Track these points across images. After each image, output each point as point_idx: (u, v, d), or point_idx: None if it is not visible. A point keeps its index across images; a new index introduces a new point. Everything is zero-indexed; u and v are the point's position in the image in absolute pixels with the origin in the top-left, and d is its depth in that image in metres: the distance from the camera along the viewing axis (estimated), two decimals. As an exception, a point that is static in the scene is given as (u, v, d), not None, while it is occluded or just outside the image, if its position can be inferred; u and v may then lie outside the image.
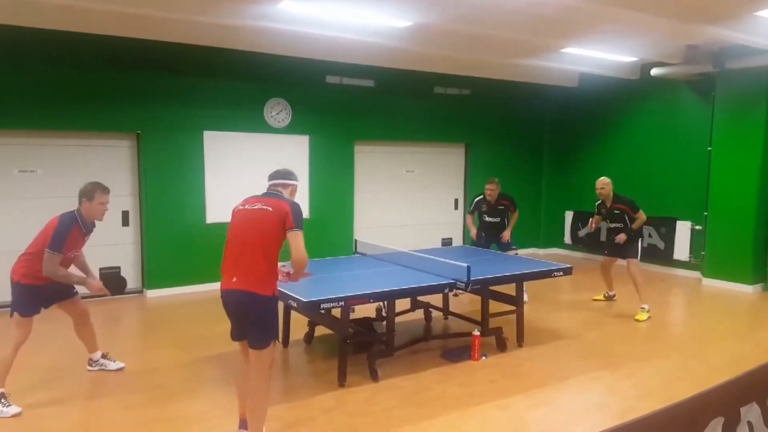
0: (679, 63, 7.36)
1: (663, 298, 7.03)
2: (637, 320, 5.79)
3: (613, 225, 6.08)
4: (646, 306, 5.91)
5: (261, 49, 6.69)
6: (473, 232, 6.67)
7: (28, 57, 5.98)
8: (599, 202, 6.16)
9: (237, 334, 3.12)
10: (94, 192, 3.79)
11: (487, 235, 6.66)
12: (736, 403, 2.29)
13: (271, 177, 3.27)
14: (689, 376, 4.31)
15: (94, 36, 5.86)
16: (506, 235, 6.51)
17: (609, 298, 6.58)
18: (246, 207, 3.12)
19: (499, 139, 9.53)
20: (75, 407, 3.74)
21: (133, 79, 6.53)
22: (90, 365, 4.35)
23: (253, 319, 2.99)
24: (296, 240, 2.97)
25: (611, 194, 6.00)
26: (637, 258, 5.96)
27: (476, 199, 6.74)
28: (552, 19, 5.61)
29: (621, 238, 5.87)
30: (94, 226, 3.98)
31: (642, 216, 5.90)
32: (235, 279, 2.97)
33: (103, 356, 4.37)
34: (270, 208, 3.02)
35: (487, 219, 6.61)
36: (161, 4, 4.92)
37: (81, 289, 4.08)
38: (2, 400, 3.57)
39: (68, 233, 3.69)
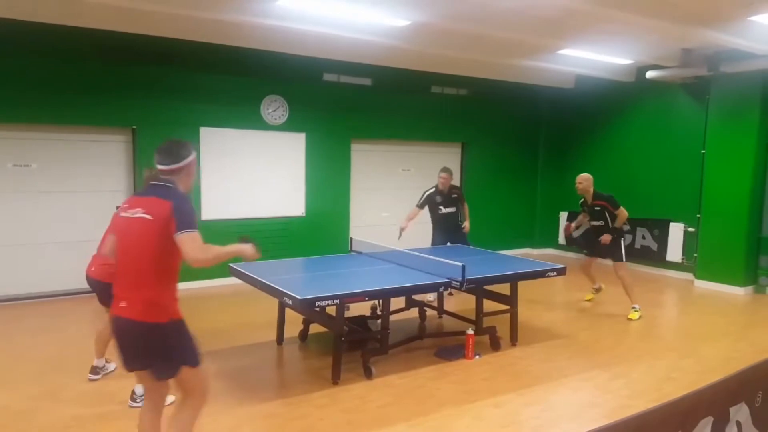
0: (674, 66, 7.41)
1: (655, 299, 7.09)
2: (630, 319, 5.85)
3: (595, 223, 6.04)
4: (637, 306, 5.96)
5: (258, 45, 6.68)
6: (405, 223, 6.18)
7: (24, 50, 5.94)
8: (582, 200, 6.16)
9: (129, 364, 2.52)
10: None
11: (443, 229, 6.55)
12: (725, 403, 2.33)
13: (156, 160, 2.54)
14: (681, 376, 4.36)
15: (90, 30, 5.84)
16: (467, 225, 6.51)
17: (597, 291, 6.63)
18: (126, 214, 2.50)
19: (495, 139, 9.56)
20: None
21: (129, 73, 6.51)
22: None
23: (150, 349, 2.44)
24: (185, 245, 2.35)
25: (591, 190, 5.96)
26: (623, 261, 5.93)
27: (428, 193, 6.49)
28: (549, 20, 5.64)
29: (606, 239, 5.84)
30: None
31: (622, 212, 5.85)
32: (123, 304, 2.43)
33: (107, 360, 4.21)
34: (150, 216, 2.41)
35: (444, 211, 6.50)
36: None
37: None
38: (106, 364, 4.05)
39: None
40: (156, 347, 2.43)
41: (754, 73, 7.04)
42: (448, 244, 6.55)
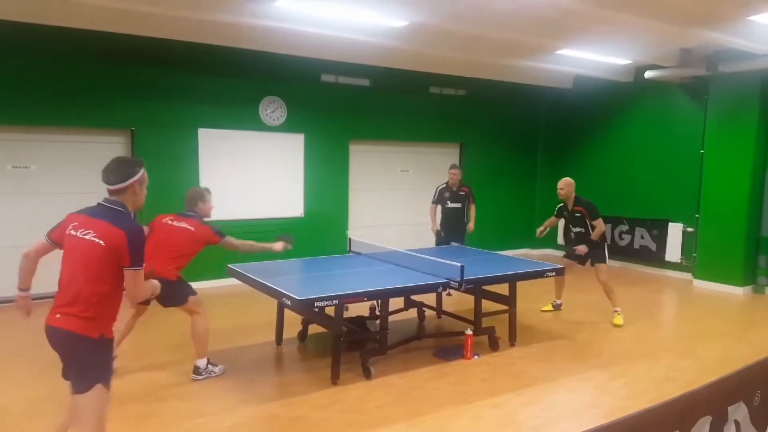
0: (673, 66, 7.42)
1: (654, 299, 7.09)
2: (616, 325, 5.60)
3: (575, 229, 5.84)
4: (619, 309, 5.74)
5: (256, 46, 6.68)
6: (433, 225, 6.83)
7: (23, 52, 5.94)
8: (561, 204, 5.93)
9: (64, 372, 2.60)
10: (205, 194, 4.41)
11: (447, 224, 6.81)
12: (723, 403, 2.33)
13: (102, 179, 2.58)
14: (679, 376, 4.36)
15: (89, 32, 5.83)
16: (471, 225, 6.68)
17: (557, 308, 6.21)
18: (75, 234, 2.55)
19: (493, 139, 9.56)
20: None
21: (128, 75, 6.51)
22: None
23: (75, 361, 2.51)
24: (130, 280, 2.47)
25: (572, 195, 5.75)
26: (605, 263, 5.74)
27: (439, 188, 6.90)
28: (547, 21, 5.64)
29: (581, 250, 5.65)
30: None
31: (600, 225, 5.61)
32: (58, 315, 2.50)
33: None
34: (102, 243, 2.44)
35: (450, 205, 6.78)
36: (157, 1, 4.90)
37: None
38: (209, 366, 4.19)
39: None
40: (81, 360, 2.48)
41: (753, 73, 7.05)
42: (452, 243, 6.62)
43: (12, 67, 5.92)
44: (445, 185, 6.86)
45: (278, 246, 4.44)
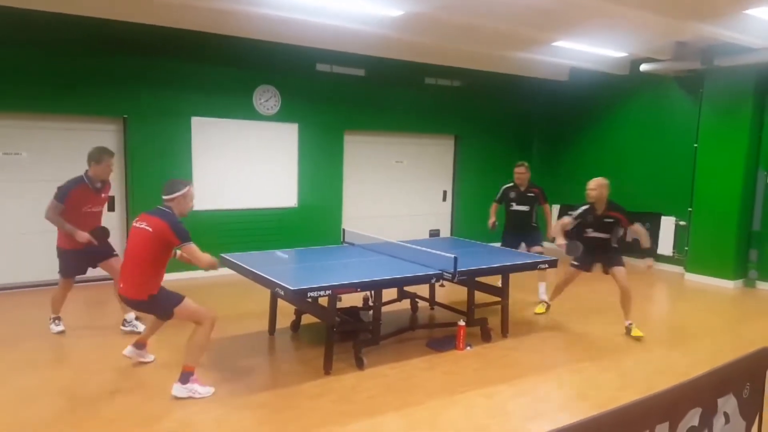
0: (668, 59, 7.41)
1: (646, 292, 7.13)
2: (637, 336, 5.05)
3: (598, 235, 5.12)
4: (632, 323, 5.20)
5: (251, 34, 6.60)
6: (491, 220, 6.28)
7: (14, 39, 5.84)
8: (586, 207, 5.15)
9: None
10: (101, 156, 4.57)
11: (513, 226, 6.21)
12: (713, 394, 2.35)
13: (162, 190, 3.75)
14: (670, 369, 4.39)
15: (81, 18, 5.74)
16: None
17: (548, 308, 5.86)
18: (136, 224, 3.67)
19: (488, 131, 9.54)
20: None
21: (120, 62, 6.42)
22: (123, 326, 4.86)
23: (145, 311, 3.77)
24: (188, 252, 3.57)
25: (605, 198, 5.04)
26: (624, 266, 5.19)
27: (504, 187, 6.28)
28: (543, 12, 5.60)
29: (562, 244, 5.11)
30: (105, 183, 4.70)
31: (643, 229, 5.11)
32: (121, 285, 3.67)
33: (137, 318, 4.83)
34: (150, 229, 3.55)
35: (515, 207, 6.16)
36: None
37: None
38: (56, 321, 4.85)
39: (71, 188, 4.49)
40: (147, 310, 3.75)
41: (748, 67, 7.06)
42: (523, 245, 6.10)
43: (3, 55, 5.82)
44: (511, 184, 6.18)
45: (79, 235, 4.48)
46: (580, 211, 5.20)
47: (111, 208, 6.72)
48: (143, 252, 3.56)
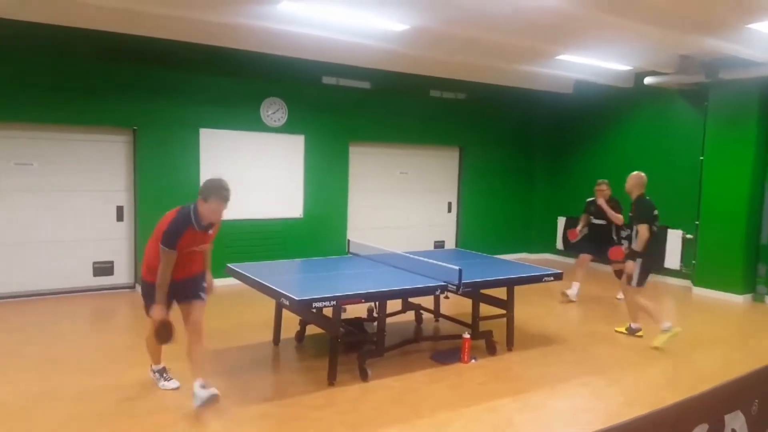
0: (673, 72, 7.43)
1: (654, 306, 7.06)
2: (656, 347, 5.12)
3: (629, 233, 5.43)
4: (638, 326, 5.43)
5: (258, 48, 6.69)
6: (577, 228, 6.95)
7: (27, 51, 5.97)
8: (615, 201, 6.17)
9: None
10: (209, 195, 3.51)
11: (590, 239, 6.84)
12: (721, 411, 2.32)
13: None
14: (677, 384, 4.35)
15: (92, 31, 5.85)
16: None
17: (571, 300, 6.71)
18: None
19: (493, 143, 9.57)
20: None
21: (130, 75, 6.52)
22: (152, 373, 4.02)
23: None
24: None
25: (633, 192, 5.34)
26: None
27: (588, 201, 6.96)
28: (547, 26, 5.66)
29: (630, 267, 5.22)
30: (211, 225, 3.64)
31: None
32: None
33: (164, 371, 3.97)
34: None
35: (594, 221, 6.83)
36: (164, 1, 4.92)
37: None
38: (164, 374, 3.96)
39: (180, 234, 3.47)
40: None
41: (753, 81, 7.06)
42: (590, 256, 6.85)
43: (16, 66, 5.94)
44: (592, 198, 6.83)
45: (155, 312, 3.53)
46: (634, 203, 5.41)
47: (120, 218, 6.79)
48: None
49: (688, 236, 8.06)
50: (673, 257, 8.21)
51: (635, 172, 5.42)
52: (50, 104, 6.12)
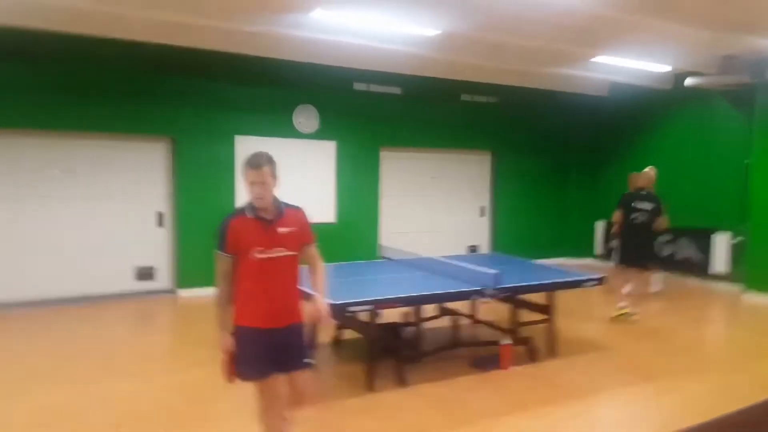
0: (715, 73, 7.19)
1: (701, 313, 6.82)
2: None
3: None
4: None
5: (291, 56, 6.80)
6: (615, 227, 6.34)
7: (74, 62, 6.22)
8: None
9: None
10: (243, 167, 2.83)
11: (628, 237, 6.17)
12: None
13: None
14: (731, 392, 4.14)
15: (135, 43, 6.04)
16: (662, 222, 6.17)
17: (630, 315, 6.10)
18: None
19: (525, 147, 9.44)
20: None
21: (170, 84, 6.73)
22: None
23: None
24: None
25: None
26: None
27: (624, 194, 6.54)
28: (582, 29, 5.56)
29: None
30: (275, 210, 2.87)
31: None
32: None
33: None
34: None
35: (632, 216, 6.21)
36: (200, 13, 5.06)
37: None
38: None
39: (226, 227, 2.79)
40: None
41: (801, 79, 6.77)
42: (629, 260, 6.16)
43: (64, 76, 6.20)
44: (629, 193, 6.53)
45: (224, 341, 2.69)
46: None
47: (160, 224, 6.97)
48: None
49: (736, 239, 7.73)
50: (719, 261, 7.89)
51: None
52: (93, 113, 6.35)
